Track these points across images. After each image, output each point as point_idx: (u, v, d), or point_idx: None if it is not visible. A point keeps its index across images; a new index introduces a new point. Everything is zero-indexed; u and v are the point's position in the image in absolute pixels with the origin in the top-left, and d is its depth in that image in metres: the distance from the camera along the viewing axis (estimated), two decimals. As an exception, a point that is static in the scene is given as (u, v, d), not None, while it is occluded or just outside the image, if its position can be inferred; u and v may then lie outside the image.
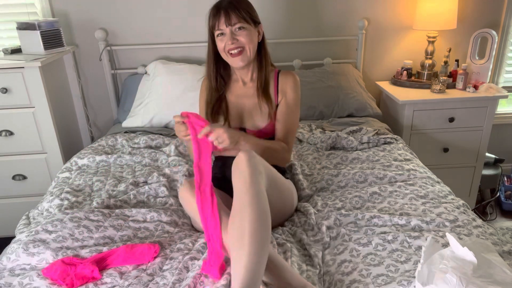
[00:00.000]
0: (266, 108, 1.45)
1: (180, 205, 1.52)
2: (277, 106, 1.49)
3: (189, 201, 1.27)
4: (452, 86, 2.40)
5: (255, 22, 1.39)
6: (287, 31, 2.47)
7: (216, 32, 1.36)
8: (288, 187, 1.41)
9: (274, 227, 1.37)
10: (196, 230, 1.38)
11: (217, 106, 1.47)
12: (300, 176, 1.64)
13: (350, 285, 1.10)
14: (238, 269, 1.00)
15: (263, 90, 1.45)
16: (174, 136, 2.09)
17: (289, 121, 1.49)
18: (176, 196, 1.57)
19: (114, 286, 1.09)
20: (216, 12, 1.35)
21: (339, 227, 1.36)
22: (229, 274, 1.11)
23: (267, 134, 1.47)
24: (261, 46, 1.45)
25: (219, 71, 1.46)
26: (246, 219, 1.05)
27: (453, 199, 1.49)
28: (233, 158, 1.44)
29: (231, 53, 1.36)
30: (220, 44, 1.36)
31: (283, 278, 1.07)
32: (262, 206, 1.10)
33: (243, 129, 1.47)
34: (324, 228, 1.33)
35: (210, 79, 1.46)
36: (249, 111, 1.48)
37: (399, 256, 1.18)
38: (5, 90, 1.99)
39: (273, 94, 1.49)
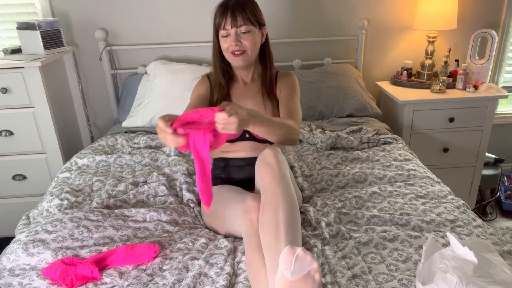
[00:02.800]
0: (271, 107, 1.46)
1: (180, 203, 1.52)
2: (277, 104, 1.49)
3: None
4: (452, 86, 2.40)
5: (260, 24, 1.40)
6: (287, 31, 2.47)
7: (221, 32, 1.36)
8: (297, 188, 1.44)
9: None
10: (197, 227, 1.38)
11: (222, 96, 1.47)
12: (300, 179, 1.64)
13: (351, 278, 1.10)
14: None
15: (268, 89, 1.46)
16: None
17: (291, 105, 1.42)
18: (175, 195, 1.57)
19: (114, 286, 1.09)
20: (223, 11, 1.35)
21: (339, 224, 1.36)
22: (229, 274, 1.12)
23: None
24: (264, 47, 1.46)
25: (225, 68, 1.47)
26: (280, 210, 1.09)
27: (453, 199, 1.49)
28: (235, 159, 1.44)
29: (233, 53, 1.37)
30: (224, 44, 1.37)
31: None
32: (293, 197, 1.15)
33: (247, 132, 1.46)
34: (323, 224, 1.33)
35: (218, 75, 1.46)
36: None
37: (400, 255, 1.18)
38: (5, 90, 1.99)
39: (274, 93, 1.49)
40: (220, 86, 1.46)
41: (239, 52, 1.36)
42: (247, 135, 1.45)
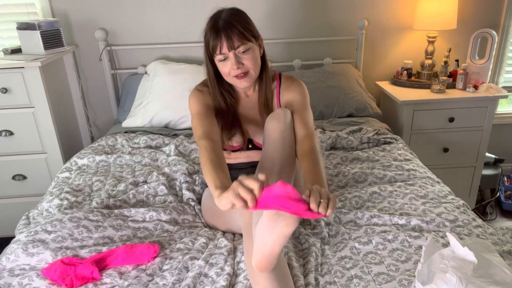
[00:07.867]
0: (268, 115, 1.40)
1: (180, 201, 1.51)
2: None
3: None
4: (452, 86, 2.40)
5: (256, 36, 1.30)
6: (287, 31, 2.47)
7: (218, 57, 1.25)
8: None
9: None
10: (197, 226, 1.38)
11: (230, 122, 1.40)
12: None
13: (351, 279, 1.10)
14: None
15: (265, 106, 1.39)
16: (174, 136, 2.09)
17: (305, 115, 1.35)
18: (175, 195, 1.57)
19: (114, 286, 1.09)
20: (216, 35, 1.22)
21: (339, 224, 1.36)
22: (229, 274, 1.11)
23: None
24: (262, 60, 1.35)
25: (225, 90, 1.38)
26: (278, 153, 1.18)
27: (453, 199, 1.49)
28: (237, 163, 1.43)
29: (236, 76, 1.29)
30: (224, 69, 1.28)
31: None
32: (291, 146, 1.22)
33: (250, 140, 1.43)
34: (322, 223, 1.33)
35: (218, 101, 1.38)
36: (255, 122, 1.43)
37: (399, 255, 1.18)
38: (5, 90, 1.99)
39: (276, 104, 1.41)
40: (223, 112, 1.37)
41: (242, 74, 1.27)
42: (250, 146, 1.43)
